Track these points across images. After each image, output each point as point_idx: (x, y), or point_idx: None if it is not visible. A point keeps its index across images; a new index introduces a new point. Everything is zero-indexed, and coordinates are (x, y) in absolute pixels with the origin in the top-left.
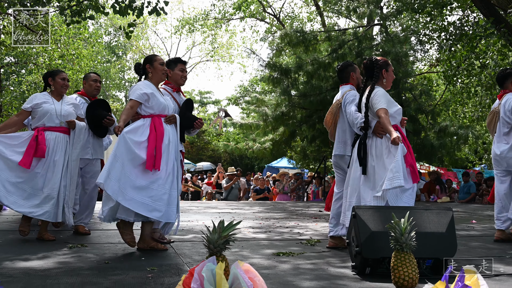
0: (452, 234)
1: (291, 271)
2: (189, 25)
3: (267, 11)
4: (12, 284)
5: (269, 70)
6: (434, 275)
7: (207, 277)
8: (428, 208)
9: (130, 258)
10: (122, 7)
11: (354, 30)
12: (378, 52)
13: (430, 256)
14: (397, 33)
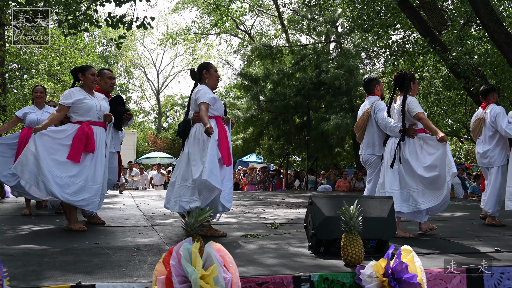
0: (392, 219)
1: (257, 250)
2: (172, 38)
3: (239, 28)
4: (12, 262)
5: (241, 78)
6: (377, 253)
7: (184, 255)
8: (373, 197)
9: (118, 240)
10: (114, 21)
11: (313, 46)
12: (334, 65)
13: (374, 237)
14: (349, 49)
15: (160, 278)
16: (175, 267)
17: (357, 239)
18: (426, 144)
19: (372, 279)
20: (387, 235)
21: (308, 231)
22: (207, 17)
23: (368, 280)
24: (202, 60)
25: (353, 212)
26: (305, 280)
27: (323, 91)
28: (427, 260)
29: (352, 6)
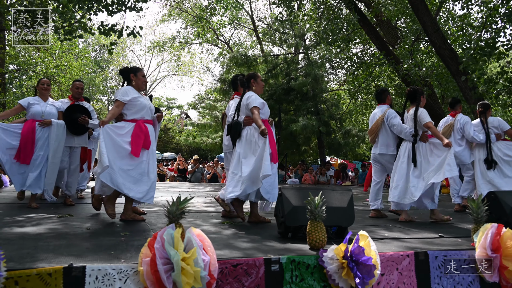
0: (351, 208)
1: (232, 235)
2: (159, 46)
3: (219, 39)
4: (9, 246)
5: (220, 83)
6: (338, 238)
7: (167, 239)
8: (334, 189)
9: (107, 226)
10: (106, 29)
11: (284, 56)
12: (302, 73)
13: (335, 224)
14: (316, 59)
15: (145, 260)
16: (159, 250)
17: (320, 226)
18: (436, 148)
19: (333, 261)
20: (346, 222)
21: (278, 219)
22: (190, 28)
23: (330, 262)
24: (185, 67)
25: (317, 202)
26: (274, 261)
27: (292, 96)
28: (381, 244)
29: (318, 22)
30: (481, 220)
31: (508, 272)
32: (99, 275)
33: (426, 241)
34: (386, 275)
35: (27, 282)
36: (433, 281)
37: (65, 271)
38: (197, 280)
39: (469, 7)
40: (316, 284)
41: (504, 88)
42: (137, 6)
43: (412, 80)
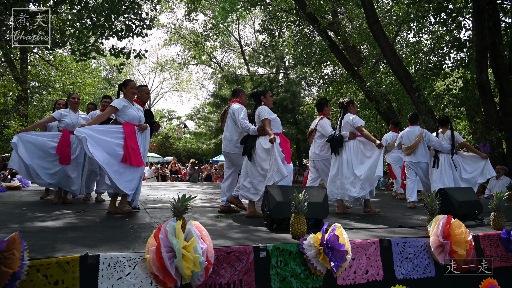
0: (326, 203)
1: (226, 227)
2: (161, 66)
3: (212, 61)
4: (31, 238)
5: (213, 98)
6: (315, 229)
7: (170, 230)
8: (312, 187)
9: (117, 220)
10: (116, 52)
11: (267, 75)
12: (282, 90)
13: (313, 217)
14: (293, 78)
15: (151, 248)
16: (163, 240)
17: (302, 218)
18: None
19: (312, 248)
20: (322, 215)
21: (265, 212)
22: (188, 51)
23: (309, 248)
24: (184, 84)
25: (301, 198)
26: (262, 249)
27: (274, 109)
28: (352, 233)
29: (295, 47)
30: (434, 212)
31: (458, 256)
32: (111, 263)
33: (389, 230)
34: (356, 259)
35: (48, 269)
36: (396, 264)
37: (81, 259)
38: (196, 265)
39: (420, 36)
40: (298, 267)
41: (450, 102)
42: (142, 33)
43: (374, 95)
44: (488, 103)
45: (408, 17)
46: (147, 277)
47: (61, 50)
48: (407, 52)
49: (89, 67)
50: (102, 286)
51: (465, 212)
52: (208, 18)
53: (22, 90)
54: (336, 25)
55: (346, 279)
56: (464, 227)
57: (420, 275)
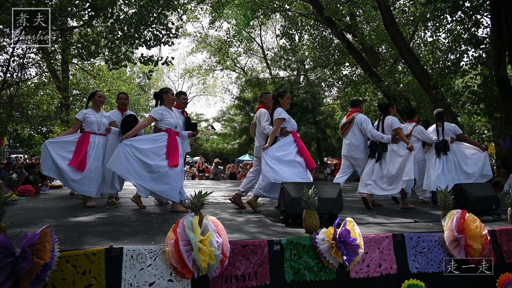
0: (340, 198)
1: (243, 222)
2: (189, 73)
3: (236, 66)
4: (65, 232)
5: (238, 101)
6: (329, 224)
7: (187, 225)
8: (326, 184)
9: (143, 215)
10: (145, 60)
11: (288, 78)
12: (302, 91)
13: (327, 212)
14: (313, 80)
15: (170, 242)
16: (181, 234)
17: (314, 213)
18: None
19: (324, 242)
20: (336, 210)
21: (280, 208)
22: (213, 57)
23: (322, 242)
24: (210, 88)
25: (310, 194)
26: (276, 243)
27: (295, 110)
28: (365, 228)
29: (314, 50)
30: (448, 207)
31: (473, 250)
32: (134, 255)
33: (403, 225)
34: (369, 253)
35: (76, 260)
36: (410, 258)
37: (106, 251)
38: (212, 258)
39: (437, 35)
40: (311, 261)
41: (468, 99)
42: (169, 41)
43: (392, 94)
44: (507, 99)
45: (424, 16)
46: (167, 268)
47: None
48: (425, 51)
49: (124, 75)
50: (125, 276)
51: (481, 207)
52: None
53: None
54: (354, 27)
55: (359, 272)
56: (479, 222)
57: (435, 269)
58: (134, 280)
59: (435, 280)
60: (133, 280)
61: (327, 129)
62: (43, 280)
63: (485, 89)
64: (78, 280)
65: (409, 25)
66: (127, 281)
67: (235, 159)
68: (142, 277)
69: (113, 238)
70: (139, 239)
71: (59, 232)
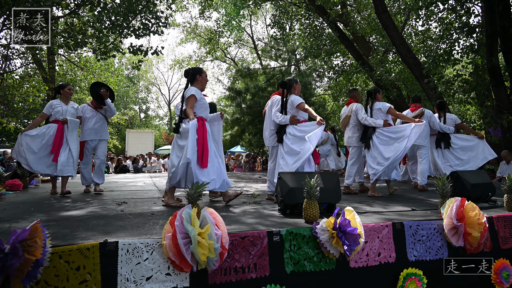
0: (338, 188)
1: (240, 213)
2: (179, 64)
3: (227, 56)
4: (56, 226)
5: (229, 92)
6: (328, 213)
7: (185, 217)
8: (324, 173)
9: (138, 208)
10: (134, 49)
11: (279, 68)
12: None
13: (325, 201)
14: (305, 70)
15: (167, 235)
16: (179, 227)
17: (314, 203)
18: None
19: (325, 232)
20: (334, 199)
21: (278, 198)
22: (203, 48)
23: (322, 232)
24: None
25: (313, 183)
26: (276, 234)
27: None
28: (365, 217)
29: (306, 40)
30: (446, 194)
31: (472, 238)
32: (130, 249)
33: (402, 214)
34: (369, 242)
35: (69, 256)
36: (408, 246)
37: (101, 246)
38: (211, 251)
39: (428, 23)
40: (311, 251)
41: (460, 88)
42: (158, 31)
43: (384, 83)
44: (499, 87)
45: (416, 5)
46: (164, 262)
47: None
48: (416, 40)
49: (112, 67)
50: (121, 271)
51: (478, 194)
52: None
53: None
54: (345, 16)
55: (358, 261)
56: (478, 209)
57: (432, 256)
58: (131, 275)
59: (432, 267)
60: (129, 275)
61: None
62: (35, 277)
63: (477, 77)
64: (72, 276)
65: (401, 14)
66: (124, 276)
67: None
68: (139, 272)
69: (107, 232)
70: (134, 232)
71: (50, 227)
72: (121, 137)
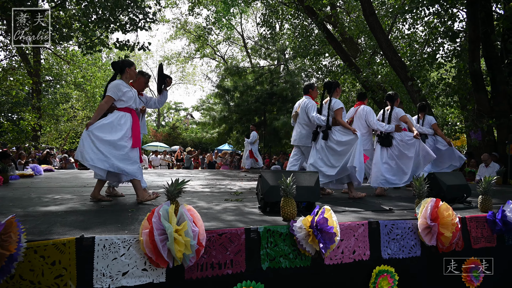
0: (317, 187)
1: (221, 210)
2: (167, 60)
3: (216, 54)
4: (33, 221)
5: (217, 89)
6: (307, 212)
7: (163, 214)
8: (304, 172)
9: (119, 204)
10: (121, 44)
11: (268, 67)
12: (282, 81)
13: (304, 200)
14: (293, 70)
15: (144, 231)
16: (156, 223)
17: (291, 201)
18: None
19: (302, 230)
20: (313, 198)
21: (258, 196)
22: (193, 45)
23: (298, 230)
24: (189, 76)
25: (289, 182)
26: (253, 231)
27: (275, 99)
28: (342, 216)
29: (295, 40)
30: (422, 195)
31: (444, 238)
32: (106, 244)
33: (379, 213)
34: (345, 240)
35: (45, 251)
36: (383, 244)
37: (77, 241)
38: (188, 247)
39: (414, 27)
40: (288, 248)
41: (443, 91)
42: (146, 26)
43: (370, 85)
44: (480, 91)
45: (403, 8)
46: (141, 258)
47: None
48: (403, 43)
49: (99, 61)
50: (98, 266)
51: (453, 195)
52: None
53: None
54: (334, 18)
55: (333, 258)
56: (451, 210)
57: (405, 254)
58: (107, 270)
59: (405, 265)
60: (105, 270)
61: None
62: (8, 271)
63: (459, 81)
64: (47, 271)
65: (388, 17)
66: (99, 271)
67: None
68: (115, 267)
69: (84, 228)
70: (112, 228)
71: (27, 222)
72: None
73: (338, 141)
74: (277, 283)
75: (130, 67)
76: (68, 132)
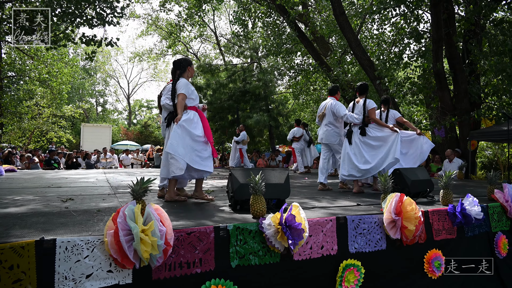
0: (287, 184)
1: (190, 209)
2: (139, 56)
3: (189, 51)
4: None
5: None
6: (277, 209)
7: (128, 214)
8: (274, 169)
9: (84, 204)
10: (87, 39)
11: (241, 65)
12: (255, 79)
13: (274, 197)
14: (266, 68)
15: (109, 232)
16: (121, 224)
17: (261, 198)
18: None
19: (271, 227)
20: (283, 195)
21: (229, 194)
22: (165, 41)
23: (268, 227)
24: (162, 74)
25: (258, 179)
26: (222, 229)
27: (248, 97)
28: (311, 212)
29: (267, 38)
30: (388, 190)
31: (408, 231)
32: (69, 246)
33: (346, 208)
34: (313, 236)
35: (1, 254)
36: (350, 239)
37: (37, 243)
38: (155, 248)
39: (382, 28)
40: (257, 245)
41: (409, 90)
42: (114, 21)
43: (341, 84)
44: (443, 90)
45: (371, 9)
46: (106, 259)
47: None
48: (371, 43)
49: (66, 57)
50: (59, 269)
51: (417, 190)
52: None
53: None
54: (305, 17)
55: (302, 254)
56: (415, 204)
57: (371, 248)
58: (69, 273)
59: (371, 258)
60: (67, 273)
61: (279, 117)
62: None
63: (424, 81)
64: (4, 276)
65: (357, 17)
66: (61, 274)
67: None
68: (78, 269)
69: (46, 230)
70: (75, 229)
71: None
72: (76, 131)
73: (375, 137)
74: (247, 280)
75: (191, 66)
76: (32, 130)
